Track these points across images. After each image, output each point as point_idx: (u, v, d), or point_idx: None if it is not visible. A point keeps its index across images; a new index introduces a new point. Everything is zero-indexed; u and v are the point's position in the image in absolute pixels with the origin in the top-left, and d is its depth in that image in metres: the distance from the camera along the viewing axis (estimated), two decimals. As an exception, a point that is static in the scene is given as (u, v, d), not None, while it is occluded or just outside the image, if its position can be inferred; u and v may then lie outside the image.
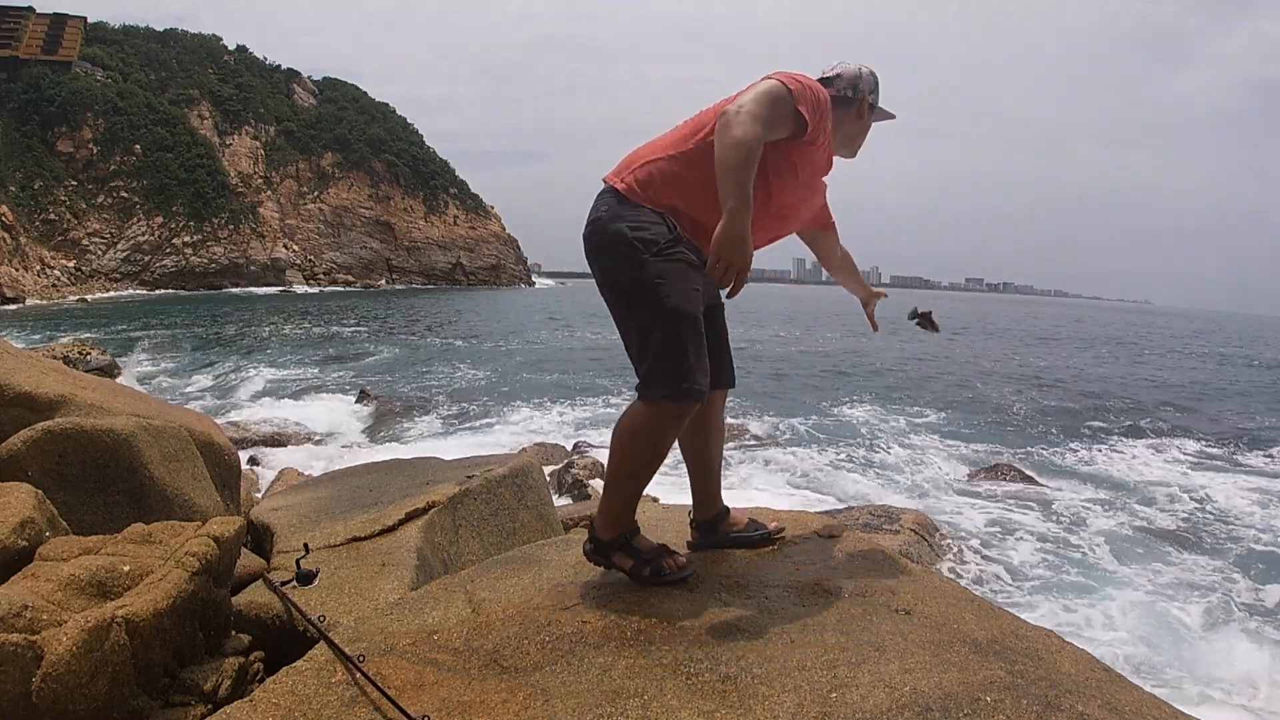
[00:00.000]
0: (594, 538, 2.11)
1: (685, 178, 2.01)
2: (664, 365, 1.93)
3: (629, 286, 1.98)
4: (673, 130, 2.12)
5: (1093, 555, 7.12)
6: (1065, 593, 6.20)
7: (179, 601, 1.85)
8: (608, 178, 2.11)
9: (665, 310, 1.93)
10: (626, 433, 2.01)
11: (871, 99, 2.21)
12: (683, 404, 1.96)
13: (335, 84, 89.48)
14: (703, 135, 2.01)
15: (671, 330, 1.93)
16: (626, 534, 2.09)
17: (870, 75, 2.20)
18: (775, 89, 1.92)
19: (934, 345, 27.54)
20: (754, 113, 1.85)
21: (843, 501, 8.28)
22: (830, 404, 15.14)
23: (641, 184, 2.02)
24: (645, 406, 1.98)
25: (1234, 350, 39.79)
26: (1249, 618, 5.91)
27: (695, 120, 2.08)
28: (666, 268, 1.95)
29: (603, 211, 2.04)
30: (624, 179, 2.05)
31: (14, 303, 39.06)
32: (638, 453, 2.01)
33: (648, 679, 1.61)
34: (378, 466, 4.19)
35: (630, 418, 2.02)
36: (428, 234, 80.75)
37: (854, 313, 3.00)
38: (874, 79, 2.21)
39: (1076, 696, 1.61)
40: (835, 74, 2.18)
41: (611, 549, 2.08)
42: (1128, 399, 17.95)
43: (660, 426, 1.97)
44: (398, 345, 24.33)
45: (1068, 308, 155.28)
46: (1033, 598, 6.06)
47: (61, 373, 3.68)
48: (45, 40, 63.10)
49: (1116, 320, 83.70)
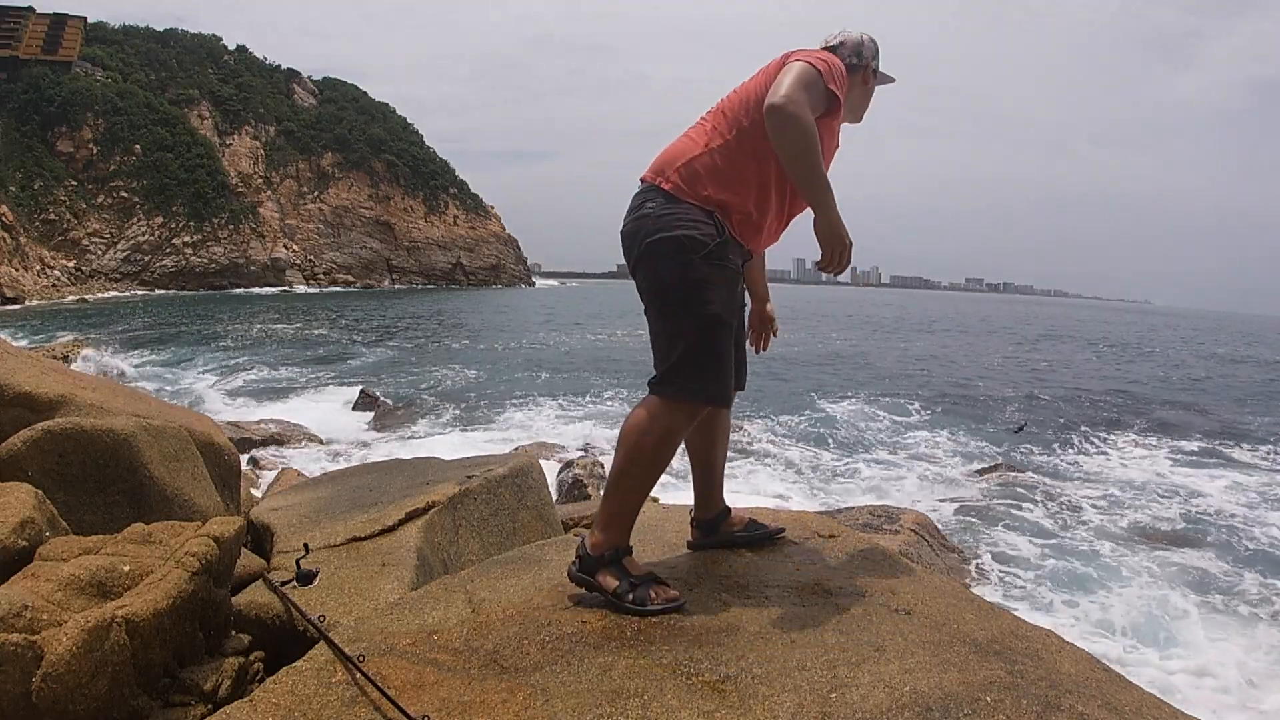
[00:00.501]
0: (581, 554, 2.00)
1: (731, 171, 2.00)
2: (693, 366, 1.94)
3: (673, 285, 1.97)
4: (699, 125, 2.10)
5: (1093, 554, 7.11)
6: (1065, 592, 6.20)
7: (179, 601, 1.85)
8: (647, 177, 2.08)
9: (705, 315, 1.94)
10: (635, 428, 1.98)
11: (875, 64, 2.21)
12: (700, 405, 1.97)
13: (335, 84, 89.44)
14: (741, 128, 2.00)
15: (707, 334, 1.94)
16: (618, 550, 1.98)
17: (871, 42, 2.20)
18: (808, 72, 1.91)
19: (935, 346, 27.53)
20: (802, 100, 1.85)
21: (842, 501, 8.28)
22: (830, 404, 15.14)
23: (687, 181, 2.01)
24: (661, 402, 1.97)
25: (1231, 350, 39.79)
26: (1250, 618, 5.91)
27: (723, 111, 2.06)
28: (711, 273, 1.95)
29: (649, 209, 2.01)
30: (669, 178, 2.02)
31: (14, 303, 39.05)
32: (644, 449, 1.96)
33: (648, 679, 1.61)
34: (378, 466, 4.19)
35: (644, 412, 1.98)
36: (428, 234, 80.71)
37: (854, 313, 3.00)
38: (874, 45, 2.21)
39: (1076, 696, 1.61)
40: (839, 42, 2.17)
41: (599, 565, 1.96)
42: (1128, 398, 17.95)
43: (673, 425, 1.96)
44: (398, 345, 24.33)
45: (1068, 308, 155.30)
46: (1033, 597, 6.06)
47: (61, 373, 3.68)
48: (45, 40, 63.08)
49: (1117, 320, 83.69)
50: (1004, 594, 6.00)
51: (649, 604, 1.89)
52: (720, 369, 1.97)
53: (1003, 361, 26.19)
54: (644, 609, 1.88)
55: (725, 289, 1.97)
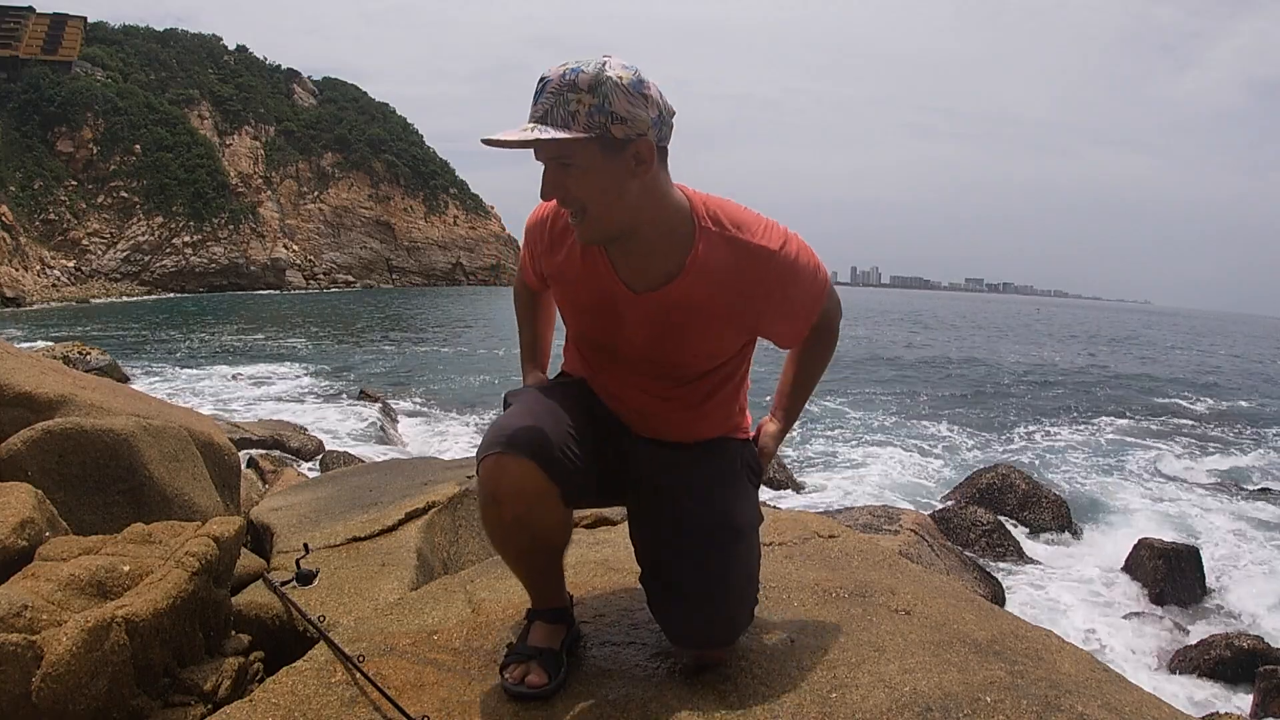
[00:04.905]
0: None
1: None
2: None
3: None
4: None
5: (1094, 554, 7.13)
6: (1066, 592, 6.21)
7: (179, 601, 1.84)
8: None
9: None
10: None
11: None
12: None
13: (335, 84, 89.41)
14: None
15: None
16: (530, 611, 1.69)
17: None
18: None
19: (934, 346, 27.53)
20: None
21: (842, 501, 8.28)
22: (830, 404, 15.14)
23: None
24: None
25: (1228, 350, 39.77)
26: (1249, 615, 5.92)
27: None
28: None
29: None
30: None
31: (14, 303, 39.03)
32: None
33: (647, 679, 1.61)
34: (378, 466, 4.19)
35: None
36: (428, 234, 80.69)
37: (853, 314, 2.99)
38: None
39: (1076, 696, 1.61)
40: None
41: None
42: (1128, 398, 17.94)
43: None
44: (397, 345, 24.33)
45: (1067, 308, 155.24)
46: (1033, 597, 6.06)
47: (61, 373, 3.68)
48: (45, 40, 63.04)
49: (1116, 320, 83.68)
50: (1005, 594, 6.00)
51: (503, 676, 1.57)
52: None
53: (1004, 361, 26.18)
54: (500, 676, 1.57)
55: None
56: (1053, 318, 79.15)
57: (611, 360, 1.69)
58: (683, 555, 1.55)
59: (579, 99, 1.36)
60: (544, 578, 1.66)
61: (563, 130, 1.36)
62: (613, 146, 1.39)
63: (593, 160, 1.40)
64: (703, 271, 1.52)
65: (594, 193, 1.42)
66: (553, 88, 1.37)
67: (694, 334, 1.59)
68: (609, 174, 1.41)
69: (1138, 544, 6.68)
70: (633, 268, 1.55)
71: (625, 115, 1.37)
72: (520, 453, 1.47)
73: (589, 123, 1.36)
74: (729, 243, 1.52)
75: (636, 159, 1.41)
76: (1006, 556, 6.81)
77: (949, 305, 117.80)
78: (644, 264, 1.54)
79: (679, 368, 1.64)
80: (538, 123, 1.38)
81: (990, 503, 7.89)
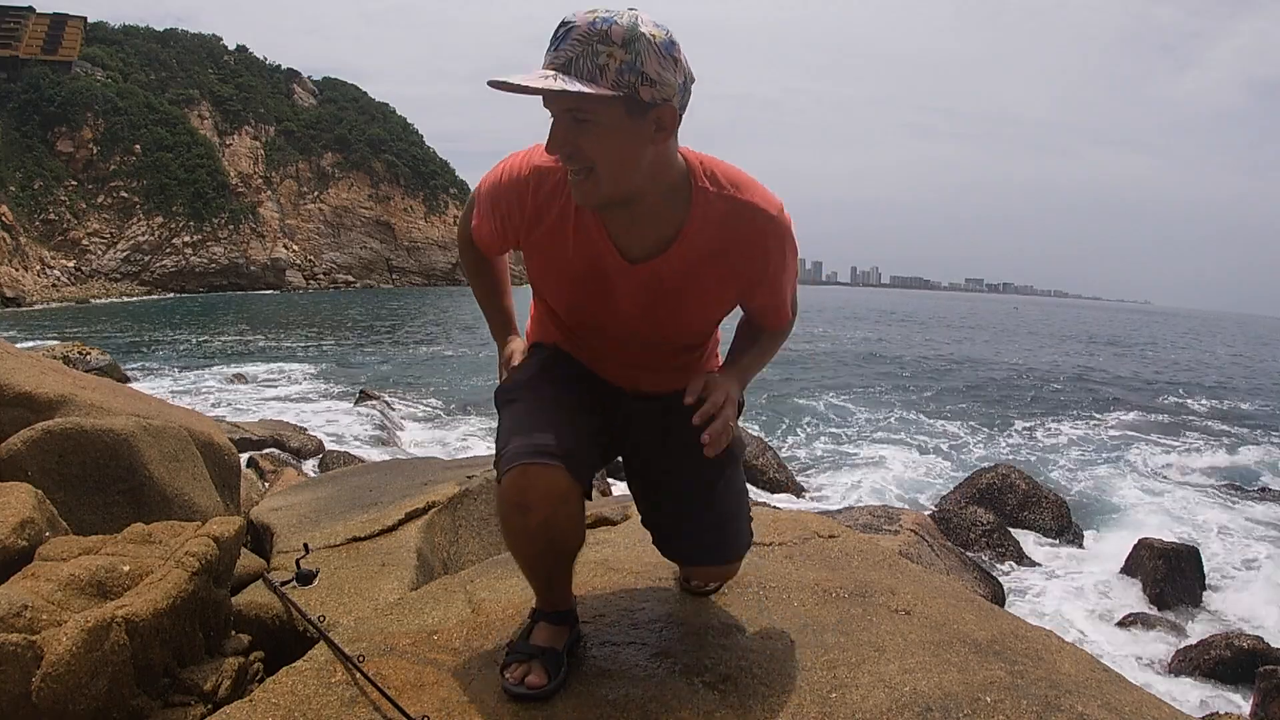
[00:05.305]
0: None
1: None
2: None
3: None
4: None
5: (1094, 554, 7.12)
6: (1066, 592, 6.21)
7: (179, 601, 1.84)
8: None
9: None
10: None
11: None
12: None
13: (335, 84, 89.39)
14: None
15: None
16: (534, 611, 1.70)
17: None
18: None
19: (934, 345, 27.53)
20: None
21: (843, 501, 8.28)
22: (830, 404, 15.14)
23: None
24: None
25: (1228, 350, 39.77)
26: (1249, 615, 5.91)
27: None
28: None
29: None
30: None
31: (14, 303, 39.02)
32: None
33: (648, 679, 1.61)
34: (378, 466, 4.19)
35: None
36: (428, 234, 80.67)
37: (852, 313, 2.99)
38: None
39: (1076, 696, 1.61)
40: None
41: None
42: (1128, 398, 17.94)
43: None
44: (398, 345, 24.33)
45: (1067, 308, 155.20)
46: (1033, 597, 6.06)
47: (61, 373, 3.68)
48: (45, 40, 63.03)
49: (1116, 320, 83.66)
50: (1004, 594, 6.00)
51: (504, 675, 1.56)
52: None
53: (1004, 361, 26.19)
54: (502, 674, 1.57)
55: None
56: (1027, 315, 79.16)
57: (597, 330, 1.65)
58: (682, 483, 1.70)
59: (610, 53, 1.25)
60: (558, 581, 1.65)
61: (589, 84, 1.25)
62: (638, 109, 1.29)
63: (616, 120, 1.29)
64: (701, 231, 1.47)
65: (609, 154, 1.32)
66: (579, 34, 1.25)
67: (689, 300, 1.55)
68: (629, 137, 1.31)
69: (1138, 544, 6.67)
70: (630, 235, 1.48)
71: (655, 78, 1.28)
72: (548, 460, 1.45)
73: (618, 80, 1.26)
74: (726, 201, 1.46)
75: (658, 125, 1.33)
76: (1006, 557, 6.81)
77: (948, 305, 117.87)
78: (642, 231, 1.47)
79: (670, 338, 1.63)
80: (559, 70, 1.26)
81: (990, 503, 7.88)
